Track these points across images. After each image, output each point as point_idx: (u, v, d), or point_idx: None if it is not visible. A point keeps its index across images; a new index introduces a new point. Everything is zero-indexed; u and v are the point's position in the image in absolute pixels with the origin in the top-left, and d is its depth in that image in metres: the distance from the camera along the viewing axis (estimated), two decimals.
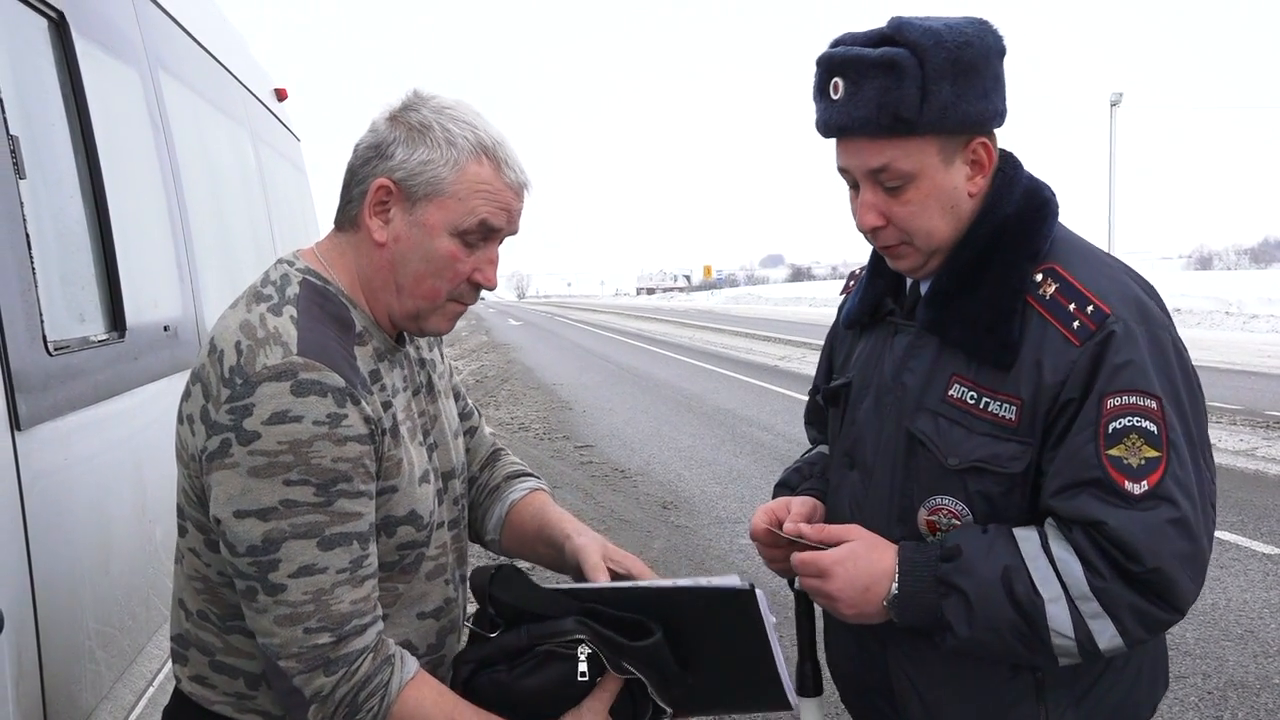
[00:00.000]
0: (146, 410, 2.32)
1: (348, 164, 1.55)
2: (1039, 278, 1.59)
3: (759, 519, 1.79)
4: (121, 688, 2.04)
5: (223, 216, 3.55)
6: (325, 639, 1.39)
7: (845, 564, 1.60)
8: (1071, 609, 1.51)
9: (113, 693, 1.99)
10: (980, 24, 1.58)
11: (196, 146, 3.23)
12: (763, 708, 1.64)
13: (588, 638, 1.48)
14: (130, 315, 2.26)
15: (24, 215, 1.77)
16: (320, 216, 6.08)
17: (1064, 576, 1.51)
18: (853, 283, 1.94)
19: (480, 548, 1.87)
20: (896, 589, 1.58)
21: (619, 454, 10.10)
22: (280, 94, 5.31)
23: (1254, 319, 27.25)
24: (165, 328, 2.56)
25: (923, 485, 1.64)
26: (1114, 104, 37.28)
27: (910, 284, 1.74)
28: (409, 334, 1.63)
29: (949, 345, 1.63)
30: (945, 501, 1.62)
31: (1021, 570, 1.53)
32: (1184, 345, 1.60)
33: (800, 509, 1.78)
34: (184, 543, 1.54)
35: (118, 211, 2.25)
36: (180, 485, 1.51)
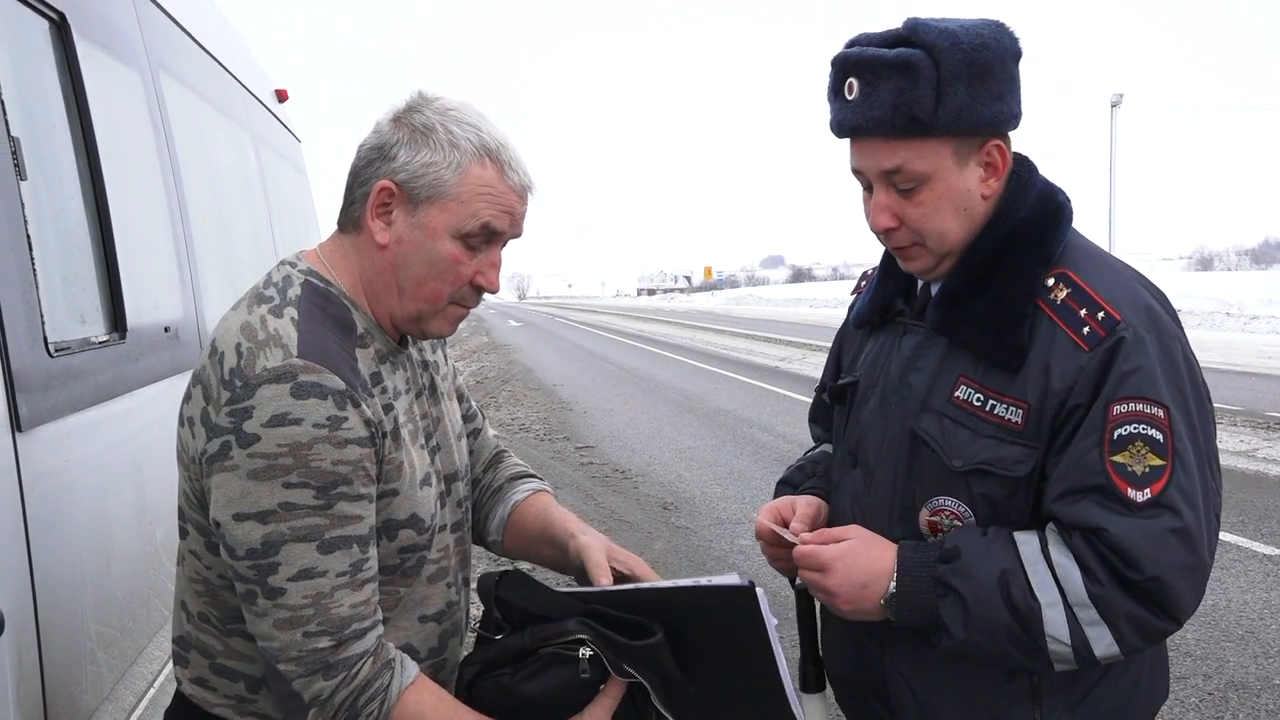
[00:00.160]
0: (147, 411, 2.32)
1: (351, 165, 1.54)
2: (1050, 282, 1.59)
3: (764, 519, 1.79)
4: (122, 689, 2.04)
5: (223, 217, 3.55)
6: (325, 643, 1.39)
7: (845, 559, 1.61)
8: (1068, 615, 1.50)
9: (113, 694, 1.99)
10: (996, 26, 1.57)
11: (197, 148, 3.24)
12: None
13: (589, 638, 1.47)
14: (131, 316, 2.26)
15: (25, 216, 1.77)
16: (321, 218, 6.09)
17: (1062, 582, 1.51)
18: (864, 282, 1.94)
19: (482, 550, 1.87)
20: (894, 588, 1.58)
21: (620, 455, 10.09)
22: (281, 95, 5.32)
23: (1254, 320, 27.24)
24: (166, 329, 2.56)
25: (925, 486, 1.64)
26: (1114, 105, 37.28)
27: (921, 285, 1.74)
28: (411, 336, 1.62)
29: (957, 346, 1.63)
30: (948, 503, 1.62)
31: (1019, 574, 1.52)
32: (1194, 355, 1.59)
33: (805, 508, 1.79)
34: (185, 545, 1.53)
35: (119, 213, 2.25)
36: (181, 488, 1.51)
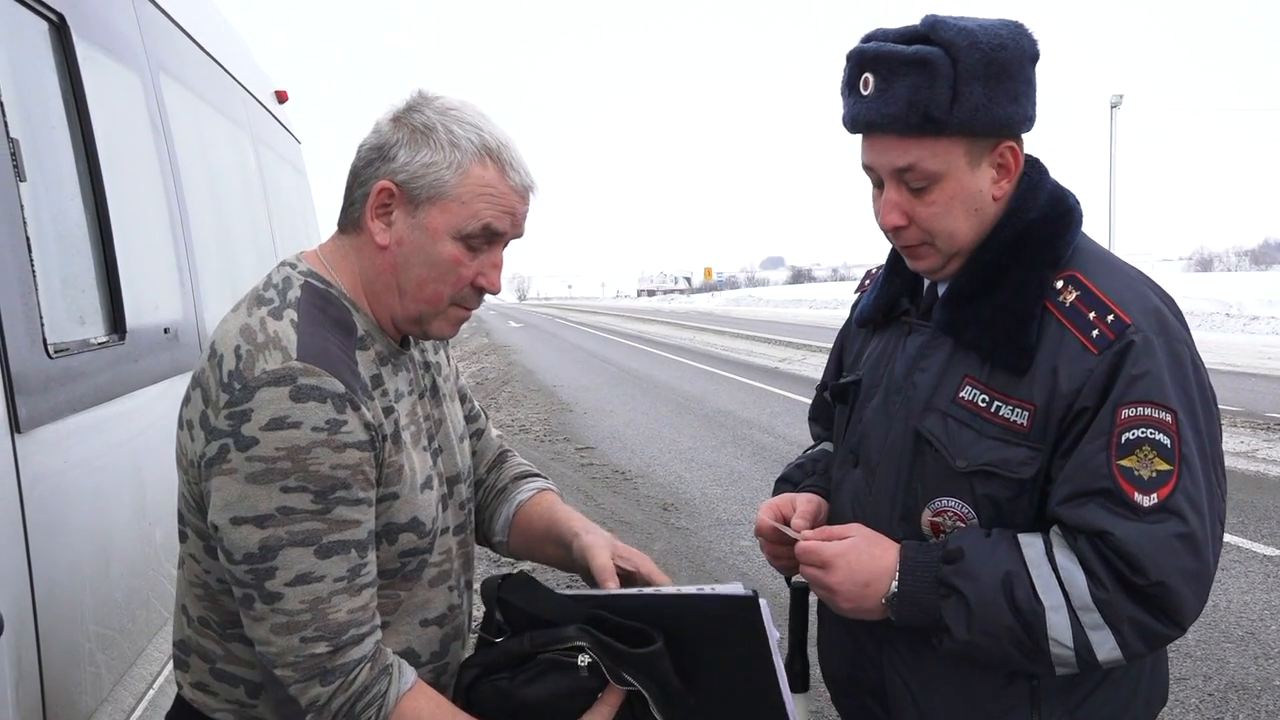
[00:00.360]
0: (147, 412, 2.32)
1: (351, 165, 1.53)
2: (1059, 284, 1.58)
3: (765, 516, 1.78)
4: (121, 690, 2.04)
5: (223, 219, 3.55)
6: (322, 648, 1.38)
7: (847, 557, 1.60)
8: (1072, 618, 1.50)
9: (112, 695, 1.98)
10: (1015, 27, 1.56)
11: (197, 149, 3.23)
12: None
13: (588, 645, 1.46)
14: (130, 317, 2.26)
15: (24, 218, 1.77)
16: (321, 219, 6.09)
17: (1066, 585, 1.50)
18: (868, 280, 1.93)
19: (484, 552, 1.86)
20: (896, 587, 1.58)
21: (619, 456, 10.09)
22: (281, 96, 5.32)
23: (1254, 320, 27.24)
24: (165, 330, 2.56)
25: (928, 486, 1.63)
26: (1114, 106, 37.27)
27: (928, 285, 1.73)
28: (412, 337, 1.61)
29: (963, 347, 1.62)
30: (951, 504, 1.61)
31: (1023, 576, 1.52)
32: (1202, 361, 1.58)
33: (806, 506, 1.78)
34: (184, 549, 1.52)
35: (118, 214, 2.25)
36: (180, 491, 1.50)
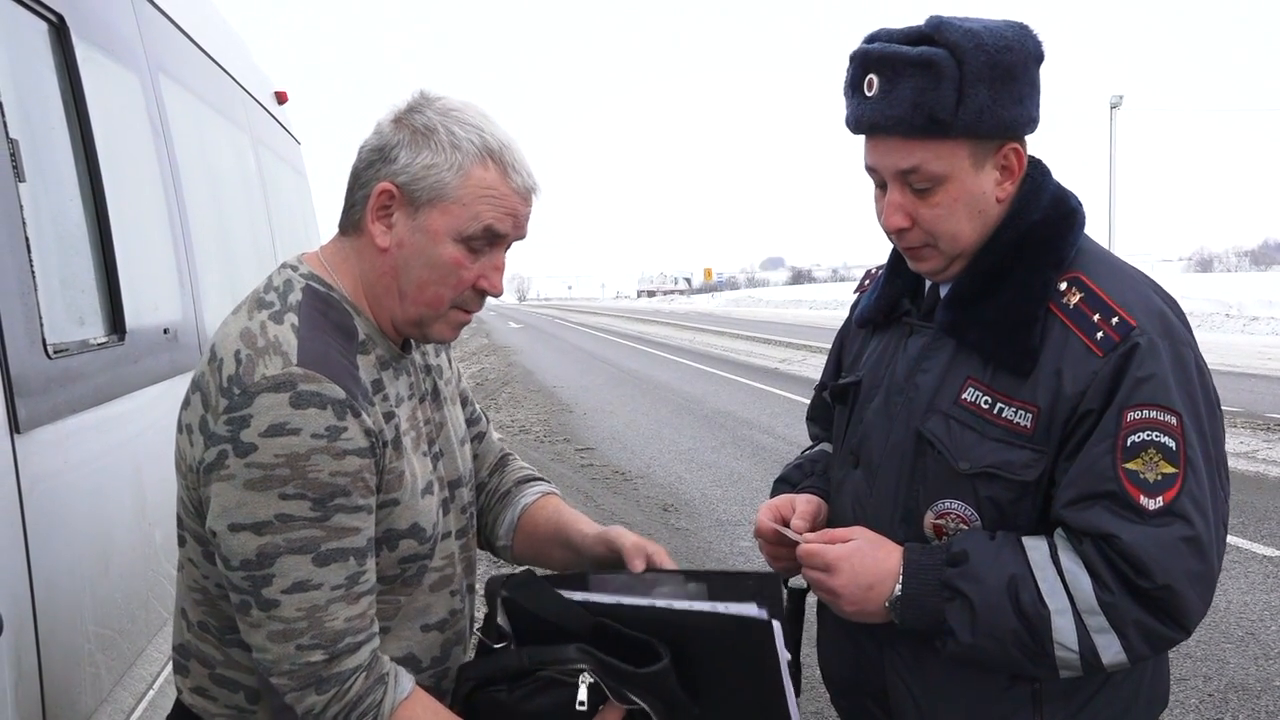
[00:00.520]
0: (146, 413, 2.32)
1: (352, 166, 1.52)
2: (1063, 286, 1.58)
3: (765, 517, 1.77)
4: (121, 691, 2.03)
5: (223, 219, 3.55)
6: (318, 656, 1.37)
7: (851, 560, 1.60)
8: (1077, 622, 1.49)
9: (112, 696, 1.98)
10: (1020, 28, 1.56)
11: (196, 150, 3.23)
12: None
13: (589, 667, 1.45)
14: (130, 318, 2.25)
15: (23, 218, 1.77)
16: (321, 220, 6.09)
17: (1071, 589, 1.50)
18: (868, 281, 1.93)
19: (484, 555, 1.86)
20: (900, 590, 1.57)
21: (619, 457, 10.08)
22: (280, 97, 5.31)
23: (1254, 321, 27.23)
24: (165, 331, 2.56)
25: (930, 488, 1.63)
26: (1114, 106, 37.27)
27: (929, 286, 1.73)
28: (413, 340, 1.60)
29: (966, 348, 1.62)
30: (954, 506, 1.61)
31: (1028, 580, 1.51)
32: (1205, 364, 1.58)
33: (805, 507, 1.78)
34: (183, 553, 1.52)
35: (117, 214, 2.25)
36: (179, 495, 1.49)
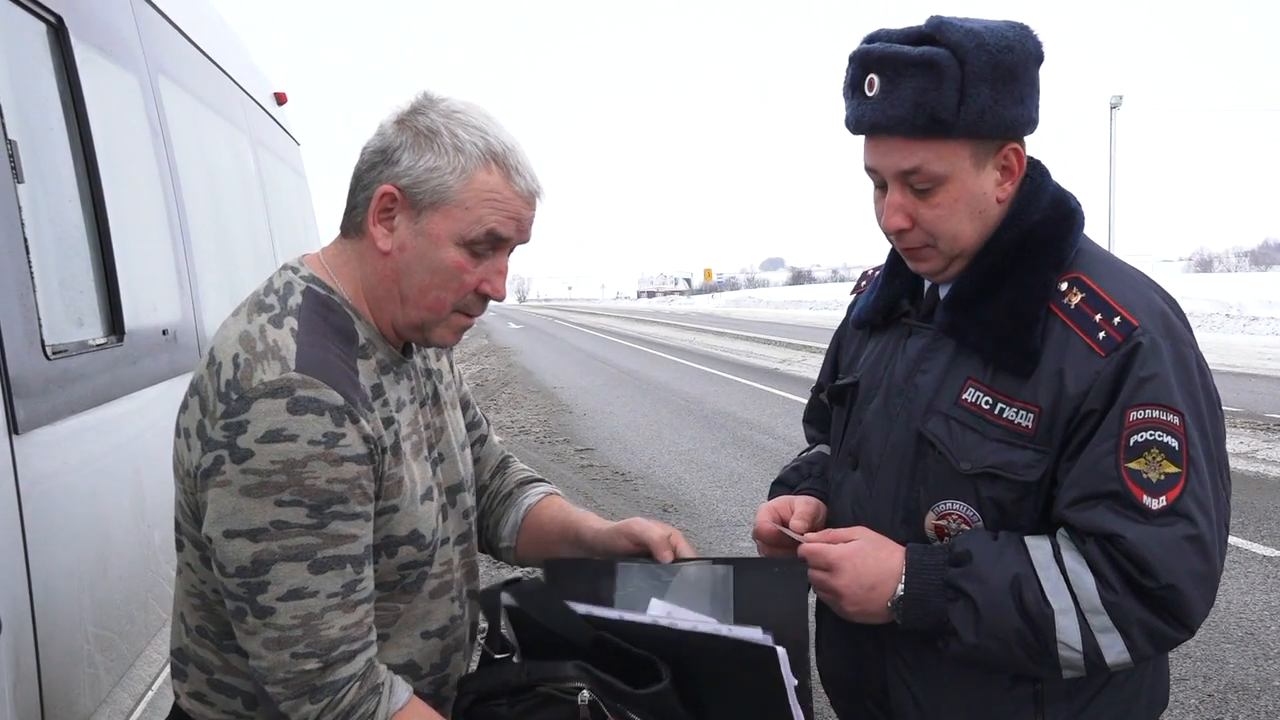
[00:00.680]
0: (145, 414, 2.32)
1: (354, 168, 1.50)
2: (1063, 286, 1.58)
3: (765, 518, 1.77)
4: (120, 692, 2.04)
5: (222, 221, 3.55)
6: (312, 665, 1.36)
7: (853, 560, 1.59)
8: (1081, 622, 1.49)
9: (111, 697, 1.98)
10: (1021, 29, 1.56)
11: (195, 151, 3.24)
12: None
13: (588, 685, 1.44)
14: (129, 319, 2.26)
15: (22, 219, 1.77)
16: (320, 222, 6.09)
17: (1075, 588, 1.50)
18: (864, 282, 1.92)
19: (485, 559, 1.85)
20: (903, 590, 1.57)
21: (619, 457, 10.08)
22: (280, 98, 5.31)
23: (1254, 321, 27.22)
24: (164, 332, 2.56)
25: (931, 489, 1.63)
26: (1114, 107, 37.27)
27: (928, 286, 1.73)
28: (415, 344, 1.59)
29: (966, 349, 1.62)
30: (956, 506, 1.60)
31: (1032, 579, 1.51)
32: (1206, 364, 1.59)
33: (804, 508, 1.77)
34: (181, 557, 1.51)
35: (116, 215, 2.25)
36: (177, 500, 1.48)
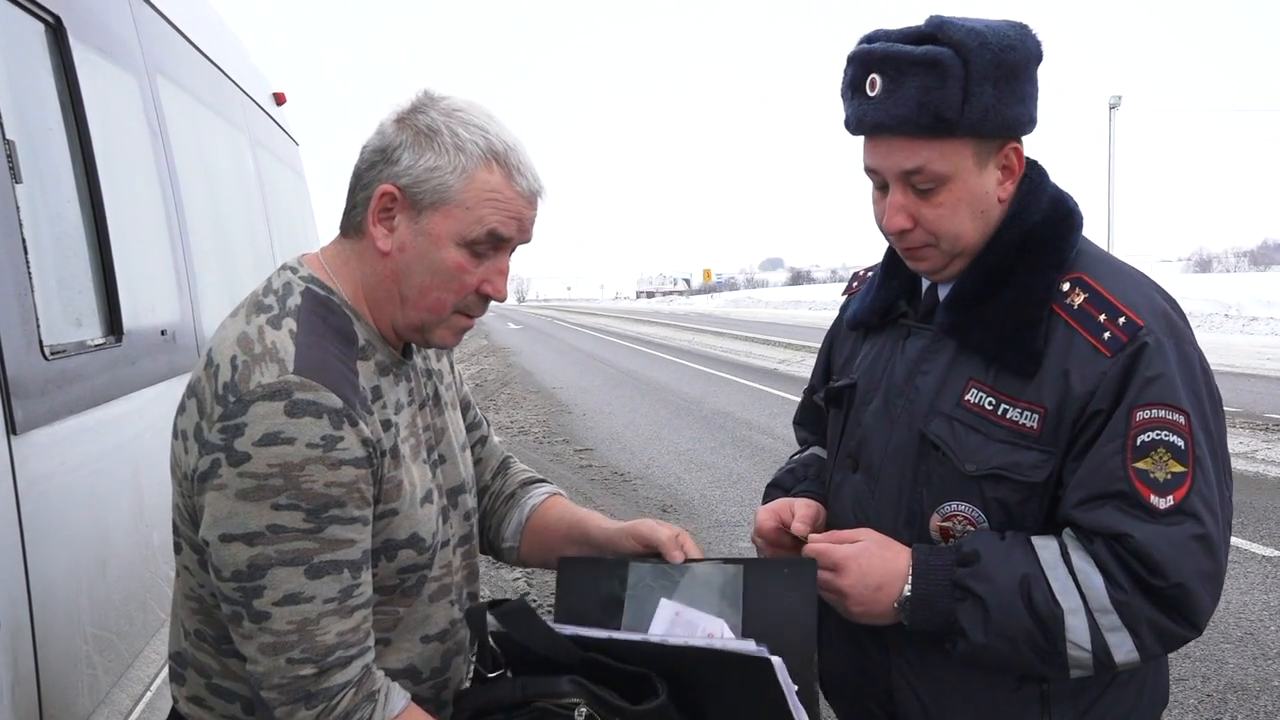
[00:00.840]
0: (144, 414, 2.32)
1: (354, 167, 1.49)
2: (1066, 287, 1.58)
3: (765, 518, 1.76)
4: (118, 693, 2.03)
5: (221, 221, 3.55)
6: (308, 670, 1.35)
7: (859, 560, 1.59)
8: (1090, 621, 1.49)
9: (110, 698, 1.98)
10: (1022, 28, 1.57)
11: (194, 151, 3.23)
12: None
13: (584, 700, 1.43)
14: (127, 319, 2.26)
15: (20, 220, 1.77)
16: (319, 222, 6.09)
17: (1084, 588, 1.50)
18: (857, 283, 1.91)
19: (485, 560, 1.84)
20: (910, 591, 1.57)
21: (619, 457, 10.08)
22: (279, 98, 5.31)
23: (1253, 321, 27.22)
24: (163, 332, 2.56)
25: (934, 490, 1.62)
26: (1113, 107, 37.30)
27: (927, 287, 1.72)
28: (415, 345, 1.58)
29: (967, 350, 1.61)
30: (961, 508, 1.60)
31: (1040, 579, 1.51)
32: (1208, 363, 1.59)
33: (805, 510, 1.76)
34: (179, 560, 1.50)
35: (115, 216, 2.25)
36: (174, 502, 1.47)
